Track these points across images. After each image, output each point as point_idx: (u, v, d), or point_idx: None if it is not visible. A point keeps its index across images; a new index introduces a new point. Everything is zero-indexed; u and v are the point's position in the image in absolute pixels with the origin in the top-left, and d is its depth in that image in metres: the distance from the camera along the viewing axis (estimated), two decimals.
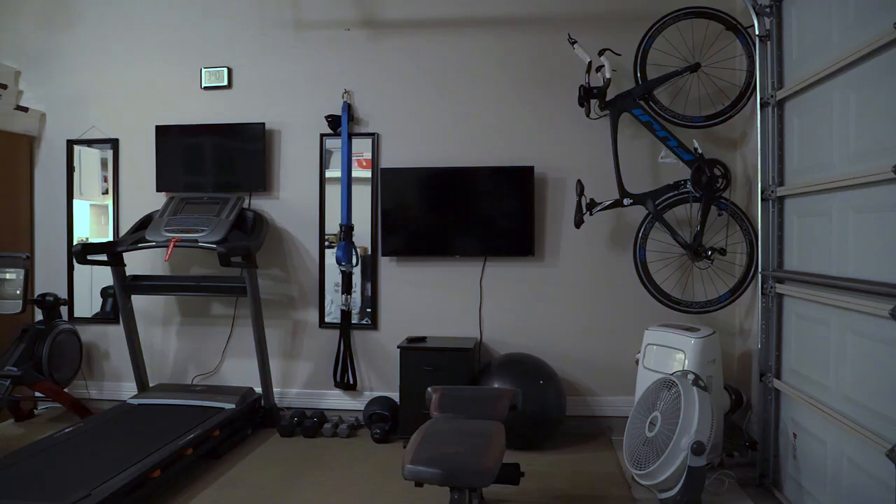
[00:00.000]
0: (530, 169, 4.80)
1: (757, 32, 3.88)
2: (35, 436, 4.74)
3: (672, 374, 3.79)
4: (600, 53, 4.50)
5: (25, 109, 5.43)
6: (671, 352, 4.15)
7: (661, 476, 3.48)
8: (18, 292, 4.82)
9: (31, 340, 4.89)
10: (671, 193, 4.47)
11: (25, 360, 4.80)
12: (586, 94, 4.50)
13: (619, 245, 4.85)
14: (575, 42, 4.55)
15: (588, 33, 4.76)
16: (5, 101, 5.35)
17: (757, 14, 3.86)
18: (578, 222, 4.50)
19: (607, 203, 4.50)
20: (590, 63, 4.48)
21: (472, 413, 3.30)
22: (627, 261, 4.75)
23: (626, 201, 4.49)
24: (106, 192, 5.55)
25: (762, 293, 3.90)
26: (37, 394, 5.12)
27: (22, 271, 4.84)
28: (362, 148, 5.07)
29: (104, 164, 5.55)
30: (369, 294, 5.08)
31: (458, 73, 4.99)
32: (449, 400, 3.38)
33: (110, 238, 5.47)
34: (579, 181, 4.52)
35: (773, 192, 3.83)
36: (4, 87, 5.37)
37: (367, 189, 5.06)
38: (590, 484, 3.94)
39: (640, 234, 4.51)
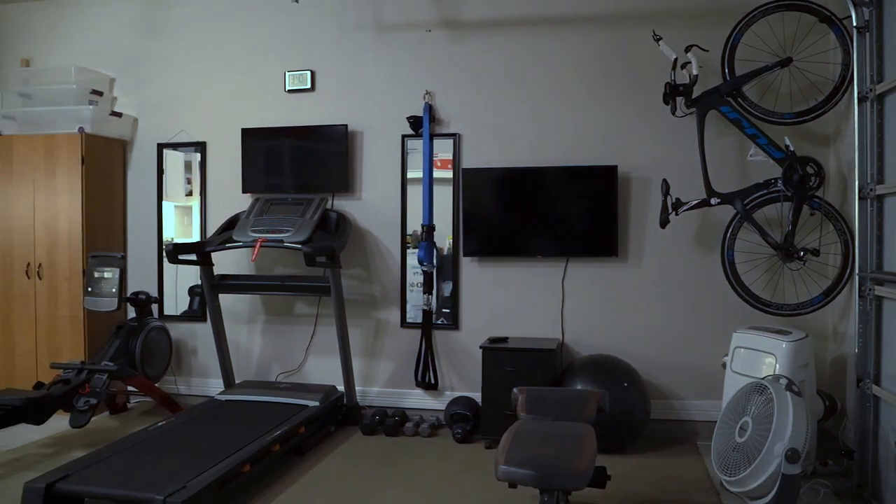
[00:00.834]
0: (613, 168, 4.74)
1: (854, 24, 3.73)
2: (129, 428, 4.94)
3: (763, 379, 3.68)
4: (687, 50, 4.41)
5: (119, 115, 5.64)
6: (761, 355, 4.03)
7: (753, 483, 3.37)
8: (114, 290, 5.01)
9: (125, 337, 5.07)
10: (761, 192, 4.34)
11: (120, 355, 4.98)
12: (672, 92, 4.41)
13: (706, 245, 4.73)
14: (660, 39, 4.46)
15: (673, 30, 4.68)
16: (101, 107, 5.57)
17: (854, 4, 3.71)
18: (664, 222, 4.42)
19: (694, 202, 4.40)
20: (675, 60, 4.39)
21: (560, 414, 3.27)
22: (714, 261, 4.64)
23: (713, 201, 4.38)
24: (189, 194, 5.72)
25: (860, 295, 3.75)
26: (130, 388, 5.32)
27: (117, 270, 5.03)
28: (443, 148, 5.09)
29: (187, 166, 5.72)
30: (446, 294, 5.09)
31: (540, 73, 4.96)
32: (536, 401, 3.36)
33: (193, 238, 5.65)
34: (665, 180, 4.43)
35: (871, 190, 3.67)
36: (100, 93, 5.59)
37: (448, 189, 5.08)
38: (676, 489, 3.86)
39: (728, 235, 4.39)
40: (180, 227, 5.75)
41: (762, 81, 4.50)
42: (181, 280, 5.72)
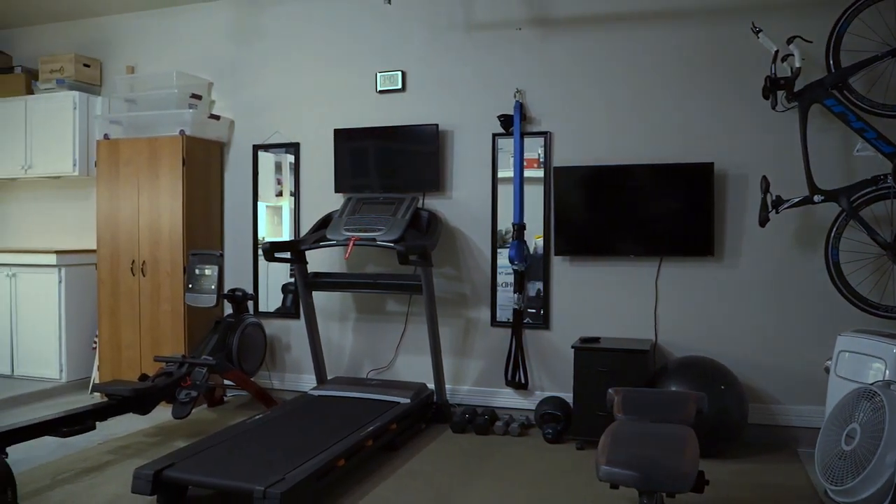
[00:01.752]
0: (709, 165, 4.62)
1: None
2: (226, 421, 5.10)
3: (872, 384, 3.52)
4: (789, 41, 4.25)
5: (217, 118, 5.84)
6: (868, 360, 3.85)
7: (863, 494, 3.24)
8: (213, 287, 5.18)
9: (223, 332, 5.24)
10: (869, 189, 4.15)
11: (218, 350, 5.15)
12: (772, 86, 4.27)
13: (807, 245, 4.56)
14: (760, 31, 4.33)
15: (773, 21, 4.53)
16: (200, 110, 5.78)
17: None
18: (763, 220, 4.28)
19: (796, 200, 4.25)
20: (776, 52, 4.25)
21: (658, 416, 3.21)
22: (816, 261, 4.47)
23: (816, 198, 4.21)
24: (279, 195, 5.87)
25: None
26: (227, 382, 5.50)
27: (216, 268, 5.21)
28: (533, 146, 5.07)
29: (277, 167, 5.87)
30: (532, 293, 5.06)
31: (632, 69, 4.88)
32: (632, 402, 3.30)
33: (283, 238, 5.79)
34: (764, 177, 4.30)
35: None
36: (199, 97, 5.80)
37: (537, 188, 5.06)
38: (777, 497, 3.73)
39: (833, 233, 4.22)
40: (271, 226, 5.91)
41: (870, 73, 4.30)
42: (272, 278, 5.88)
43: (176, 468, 3.57)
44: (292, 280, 5.78)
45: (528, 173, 5.05)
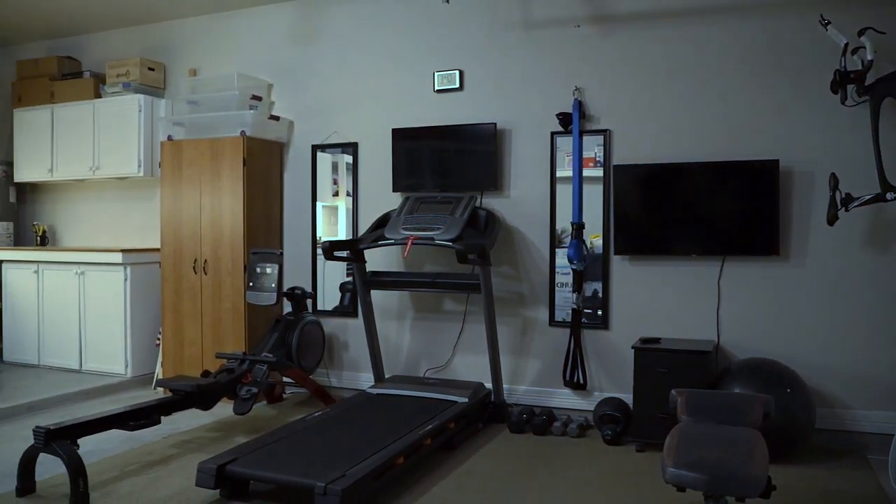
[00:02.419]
0: (774, 162, 4.50)
1: None
2: (285, 417, 5.17)
3: None
4: (860, 33, 4.12)
5: (277, 118, 5.92)
6: None
7: None
8: (273, 286, 5.25)
9: (283, 330, 5.31)
10: None
11: (278, 347, 5.22)
12: (842, 80, 4.15)
13: (878, 244, 4.41)
14: (828, 23, 4.21)
15: (842, 13, 4.38)
16: (260, 111, 5.87)
17: None
18: (832, 219, 4.16)
19: (866, 197, 4.11)
20: (846, 45, 4.12)
21: (723, 418, 3.14)
22: (888, 261, 4.32)
23: (889, 195, 4.07)
24: (335, 195, 5.92)
25: None
26: (285, 379, 5.57)
27: (276, 266, 5.27)
28: (591, 145, 5.01)
29: (334, 167, 5.93)
30: (588, 293, 5.00)
31: (692, 64, 4.78)
32: (697, 403, 3.23)
33: (339, 237, 5.84)
34: (833, 174, 4.17)
35: None
36: (259, 98, 5.89)
37: (595, 188, 4.99)
38: None
39: None
40: (327, 226, 5.97)
41: None
42: (329, 277, 5.94)
43: (238, 463, 3.63)
44: (349, 279, 5.82)
45: (585, 172, 4.99)
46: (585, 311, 5.02)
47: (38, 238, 7.16)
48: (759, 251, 4.57)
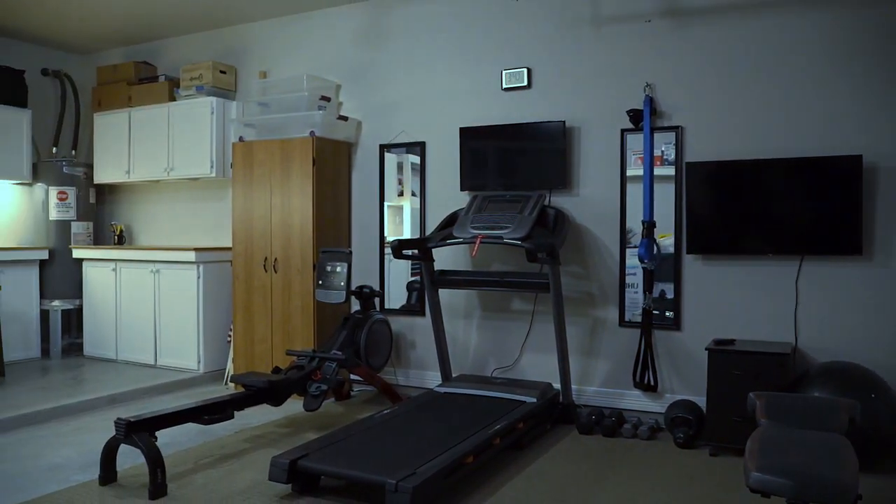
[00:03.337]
0: (857, 158, 4.33)
1: None
2: (353, 415, 5.21)
3: None
4: None
5: (345, 119, 5.98)
6: None
7: None
8: (342, 284, 5.30)
9: (351, 328, 5.35)
10: None
11: (347, 345, 5.26)
12: None
13: None
14: None
15: None
16: (329, 112, 5.94)
17: None
18: None
19: None
20: None
21: (806, 423, 3.03)
22: None
23: None
24: (400, 195, 5.94)
25: None
26: (354, 377, 5.61)
27: (345, 265, 5.32)
28: (660, 143, 4.91)
29: (399, 167, 5.95)
30: (667, 293, 4.90)
31: (767, 58, 4.64)
32: (777, 407, 3.13)
33: (405, 236, 5.85)
34: None
35: None
36: (328, 99, 5.96)
37: (667, 186, 4.89)
38: None
39: None
40: (392, 225, 6.00)
41: None
42: (395, 276, 5.97)
43: (310, 458, 3.67)
44: (416, 278, 5.84)
45: (656, 171, 4.89)
46: (654, 311, 4.92)
47: (116, 237, 7.40)
48: (840, 251, 4.40)
